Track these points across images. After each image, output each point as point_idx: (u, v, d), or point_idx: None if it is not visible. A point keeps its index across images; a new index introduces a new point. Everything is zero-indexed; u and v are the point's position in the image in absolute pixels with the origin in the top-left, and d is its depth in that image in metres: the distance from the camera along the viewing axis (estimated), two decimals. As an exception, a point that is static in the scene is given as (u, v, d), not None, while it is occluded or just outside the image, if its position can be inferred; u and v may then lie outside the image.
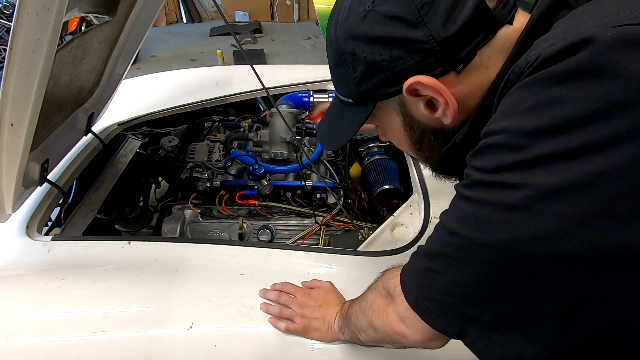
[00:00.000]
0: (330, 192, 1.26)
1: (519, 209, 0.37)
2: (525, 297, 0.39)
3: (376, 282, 0.65)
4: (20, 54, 0.63)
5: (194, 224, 1.25)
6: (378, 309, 0.60)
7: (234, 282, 0.86)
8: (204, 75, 1.77)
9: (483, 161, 0.41)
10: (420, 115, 0.52)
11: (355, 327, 0.67)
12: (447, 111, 0.48)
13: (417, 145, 0.57)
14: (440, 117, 0.50)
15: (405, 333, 0.54)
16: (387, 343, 0.61)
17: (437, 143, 0.55)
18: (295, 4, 6.36)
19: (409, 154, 0.62)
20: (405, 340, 0.55)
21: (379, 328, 0.59)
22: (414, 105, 0.51)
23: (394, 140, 0.61)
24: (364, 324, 0.64)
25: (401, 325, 0.54)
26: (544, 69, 0.37)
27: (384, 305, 0.58)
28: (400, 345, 0.59)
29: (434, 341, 0.52)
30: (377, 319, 0.60)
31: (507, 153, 0.38)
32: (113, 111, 1.42)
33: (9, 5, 4.11)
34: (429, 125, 0.53)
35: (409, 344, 0.55)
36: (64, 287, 0.82)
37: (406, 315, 0.52)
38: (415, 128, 0.55)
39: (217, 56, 4.60)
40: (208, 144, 1.46)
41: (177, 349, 0.76)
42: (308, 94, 1.65)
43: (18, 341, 0.76)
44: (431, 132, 0.54)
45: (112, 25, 1.06)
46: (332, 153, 1.50)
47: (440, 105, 0.48)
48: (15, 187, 0.84)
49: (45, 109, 0.77)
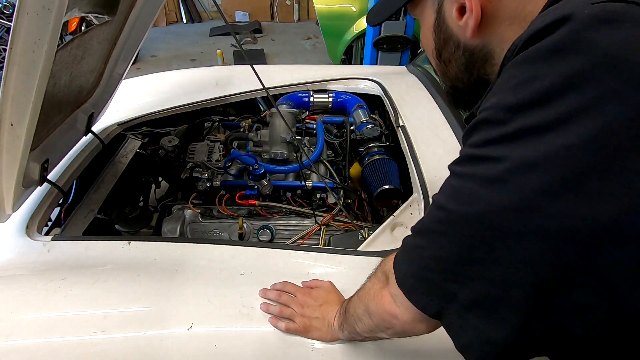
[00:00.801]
0: (330, 192, 1.26)
1: (497, 181, 0.38)
2: (500, 274, 0.39)
3: (375, 270, 0.65)
4: (20, 54, 0.63)
5: (194, 224, 1.25)
6: (374, 292, 0.60)
7: (234, 282, 0.86)
8: (204, 75, 1.77)
9: (473, 137, 0.42)
10: (450, 19, 0.53)
11: (353, 317, 0.67)
12: (470, 20, 0.49)
13: (438, 51, 0.58)
14: (464, 25, 0.50)
15: (397, 313, 0.54)
16: (381, 330, 0.61)
17: (456, 57, 0.55)
18: (295, 4, 6.36)
19: (431, 61, 0.63)
20: (396, 322, 0.55)
21: (374, 311, 0.60)
22: (450, 6, 0.52)
23: (423, 40, 0.62)
24: (360, 311, 0.64)
25: (393, 306, 0.54)
26: (530, 47, 0.39)
27: (380, 288, 0.58)
28: (393, 331, 0.59)
29: (420, 323, 0.52)
30: (372, 303, 0.60)
31: (493, 127, 0.40)
32: (113, 111, 1.42)
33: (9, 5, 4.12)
34: (454, 33, 0.54)
35: (399, 326, 0.55)
36: (64, 287, 0.82)
37: (397, 293, 0.52)
38: (442, 31, 0.55)
39: (217, 56, 4.61)
40: (208, 144, 1.46)
41: (177, 349, 0.76)
42: (308, 94, 1.65)
43: (18, 341, 0.76)
44: (453, 42, 0.55)
45: (112, 25, 1.06)
46: (332, 153, 1.50)
47: (467, 12, 0.49)
48: (15, 187, 0.84)
49: (45, 109, 0.78)
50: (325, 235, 1.18)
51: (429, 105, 1.44)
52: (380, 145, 1.41)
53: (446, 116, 1.34)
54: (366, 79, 1.70)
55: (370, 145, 1.42)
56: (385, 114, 1.56)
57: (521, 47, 0.40)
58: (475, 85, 0.56)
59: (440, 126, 1.31)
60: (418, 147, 1.22)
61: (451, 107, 1.37)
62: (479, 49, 0.52)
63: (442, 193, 0.45)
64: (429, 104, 1.45)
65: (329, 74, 1.75)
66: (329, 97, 1.65)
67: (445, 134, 1.27)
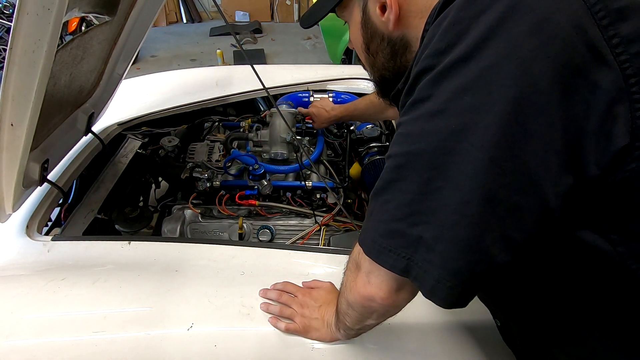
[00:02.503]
0: (330, 192, 1.26)
1: (440, 112, 0.42)
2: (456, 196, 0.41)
3: (347, 263, 0.65)
4: (20, 54, 0.63)
5: (194, 224, 1.25)
6: (350, 284, 0.60)
7: (234, 282, 0.86)
8: (204, 75, 1.77)
9: (412, 89, 0.47)
10: (374, 16, 0.61)
11: (341, 314, 0.67)
12: (390, 15, 0.57)
13: (366, 45, 0.66)
14: (386, 20, 0.58)
15: (372, 293, 0.53)
16: (366, 317, 0.62)
17: (382, 48, 0.64)
18: (295, 4, 6.36)
19: (360, 56, 0.70)
20: (375, 304, 0.55)
21: (353, 301, 0.60)
22: (373, 5, 0.60)
23: (352, 38, 0.70)
24: (344, 306, 0.64)
25: (367, 287, 0.54)
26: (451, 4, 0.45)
27: (354, 277, 0.58)
28: (377, 314, 0.60)
29: (397, 293, 0.52)
30: (350, 294, 0.60)
31: (429, 72, 0.44)
32: (113, 111, 1.42)
33: (9, 5, 4.12)
34: (379, 28, 0.62)
35: (380, 307, 0.55)
36: (64, 287, 0.82)
37: (369, 269, 0.53)
38: (369, 27, 0.63)
39: (217, 56, 4.60)
40: (208, 144, 1.46)
41: (177, 349, 0.76)
42: (308, 94, 1.65)
43: (18, 341, 0.76)
44: (379, 36, 0.63)
45: (112, 25, 1.06)
46: (332, 153, 1.50)
47: (387, 8, 0.57)
48: (15, 187, 0.84)
49: (45, 109, 0.77)
50: (325, 235, 1.18)
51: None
52: (380, 145, 1.41)
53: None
54: (366, 79, 1.70)
55: (370, 145, 1.42)
56: (385, 114, 1.56)
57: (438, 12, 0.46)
58: (398, 73, 0.63)
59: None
60: (418, 147, 1.22)
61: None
62: (400, 39, 0.61)
63: (394, 144, 0.48)
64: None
65: (329, 74, 1.75)
66: (329, 97, 1.65)
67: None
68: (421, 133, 0.44)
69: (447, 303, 0.45)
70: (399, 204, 0.46)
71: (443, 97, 0.42)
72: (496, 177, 0.40)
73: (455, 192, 0.41)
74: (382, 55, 0.64)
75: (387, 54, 0.64)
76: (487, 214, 0.41)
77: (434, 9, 0.49)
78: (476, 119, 0.40)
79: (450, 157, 0.41)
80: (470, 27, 0.41)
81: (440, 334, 0.79)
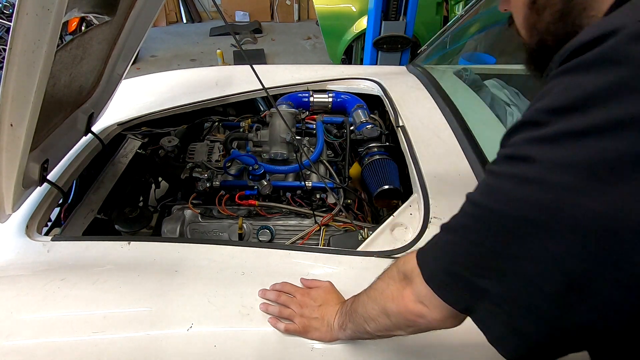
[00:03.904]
0: (330, 192, 1.26)
1: (534, 181, 0.39)
2: (532, 270, 0.40)
3: (388, 270, 0.65)
4: (20, 54, 0.63)
5: (194, 224, 1.25)
6: (392, 293, 0.60)
7: (233, 282, 0.86)
8: (204, 75, 1.77)
9: (513, 138, 0.43)
10: None
11: (363, 317, 0.67)
12: None
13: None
14: None
15: (424, 312, 0.54)
16: (400, 329, 0.61)
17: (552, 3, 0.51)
18: (295, 4, 6.36)
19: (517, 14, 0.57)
20: (422, 320, 0.55)
21: (394, 312, 0.59)
22: None
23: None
24: (374, 312, 0.64)
25: (419, 306, 0.54)
26: (575, 58, 0.39)
27: (400, 289, 0.58)
28: (416, 328, 0.59)
29: (450, 319, 0.53)
30: (391, 304, 0.60)
31: (533, 129, 0.40)
32: (113, 111, 1.42)
33: (9, 5, 4.12)
34: None
35: (426, 323, 0.55)
36: (64, 287, 0.82)
37: (425, 293, 0.52)
38: None
39: (217, 56, 4.61)
40: (208, 144, 1.46)
41: (176, 350, 0.76)
42: (308, 94, 1.65)
43: (18, 341, 0.76)
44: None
45: (112, 25, 1.06)
46: (332, 153, 1.50)
47: None
48: (15, 187, 0.84)
49: (45, 109, 0.77)
50: (325, 235, 1.18)
51: (428, 105, 1.44)
52: (380, 145, 1.41)
53: (446, 116, 1.34)
54: (366, 79, 1.70)
55: (370, 146, 1.42)
56: (385, 114, 1.56)
57: (567, 57, 0.41)
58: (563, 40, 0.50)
59: (440, 126, 1.31)
60: (418, 147, 1.22)
61: (451, 107, 1.37)
62: None
63: (478, 191, 0.46)
64: (428, 104, 1.45)
65: (329, 74, 1.75)
66: (328, 97, 1.65)
67: (445, 134, 1.27)
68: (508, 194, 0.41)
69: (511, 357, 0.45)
70: (467, 252, 0.45)
71: (543, 165, 0.39)
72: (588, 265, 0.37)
73: (531, 265, 0.40)
74: (550, 12, 0.52)
75: (557, 11, 0.51)
76: (569, 298, 0.39)
77: None
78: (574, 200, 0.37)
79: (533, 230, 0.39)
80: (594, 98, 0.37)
81: (440, 333, 0.79)
